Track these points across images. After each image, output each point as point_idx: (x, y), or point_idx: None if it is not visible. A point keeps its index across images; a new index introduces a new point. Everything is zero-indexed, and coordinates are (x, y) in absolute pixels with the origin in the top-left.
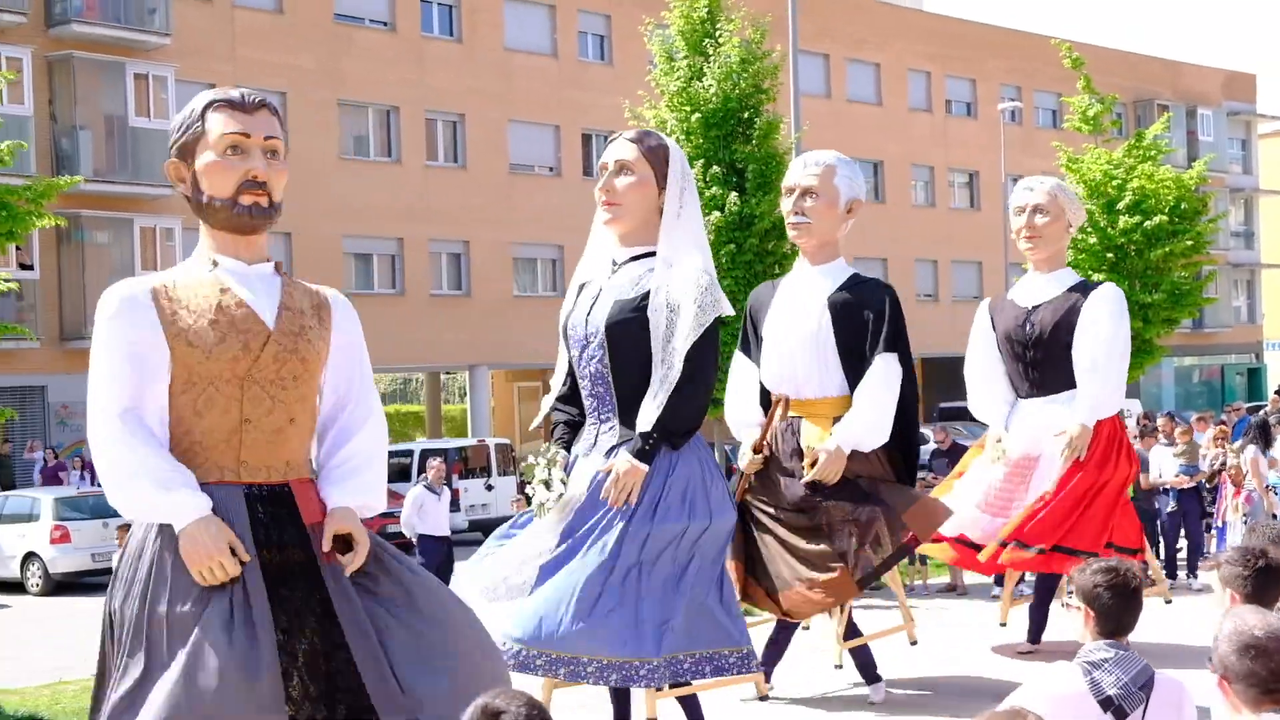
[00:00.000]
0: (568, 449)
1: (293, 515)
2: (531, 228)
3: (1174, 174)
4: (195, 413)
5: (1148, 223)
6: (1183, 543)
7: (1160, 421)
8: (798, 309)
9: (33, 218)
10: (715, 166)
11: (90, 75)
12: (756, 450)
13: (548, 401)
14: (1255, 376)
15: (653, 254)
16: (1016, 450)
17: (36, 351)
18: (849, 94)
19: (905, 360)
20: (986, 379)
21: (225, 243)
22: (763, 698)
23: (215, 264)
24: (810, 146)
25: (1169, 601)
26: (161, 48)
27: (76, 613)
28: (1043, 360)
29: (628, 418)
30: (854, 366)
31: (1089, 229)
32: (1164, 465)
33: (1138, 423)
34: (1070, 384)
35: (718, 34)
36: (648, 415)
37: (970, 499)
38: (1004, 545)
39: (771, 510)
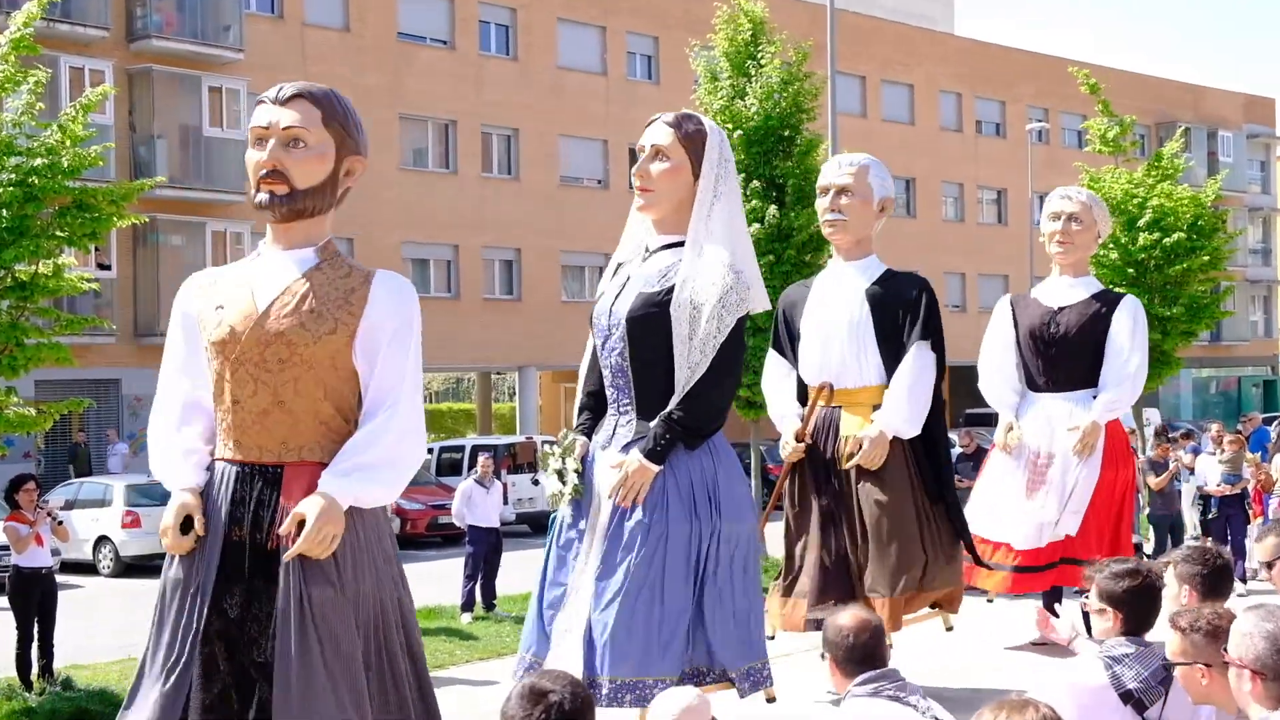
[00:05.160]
0: (588, 436)
1: (277, 497)
2: (580, 237)
3: (1191, 192)
4: (214, 391)
5: (1166, 239)
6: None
7: (1213, 429)
8: (835, 302)
9: (114, 218)
10: (756, 181)
11: (167, 88)
12: (799, 439)
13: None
14: (1271, 388)
15: (684, 243)
16: (1031, 440)
17: (112, 347)
18: (884, 114)
19: (938, 350)
20: (1000, 369)
21: (272, 232)
22: (770, 699)
23: (259, 254)
24: None
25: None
26: (235, 63)
27: (145, 594)
28: (1062, 358)
29: (646, 412)
30: (891, 356)
31: (1110, 245)
32: (1209, 473)
33: (1156, 433)
34: (1085, 383)
35: (760, 56)
36: (664, 414)
37: (1008, 504)
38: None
39: (813, 506)
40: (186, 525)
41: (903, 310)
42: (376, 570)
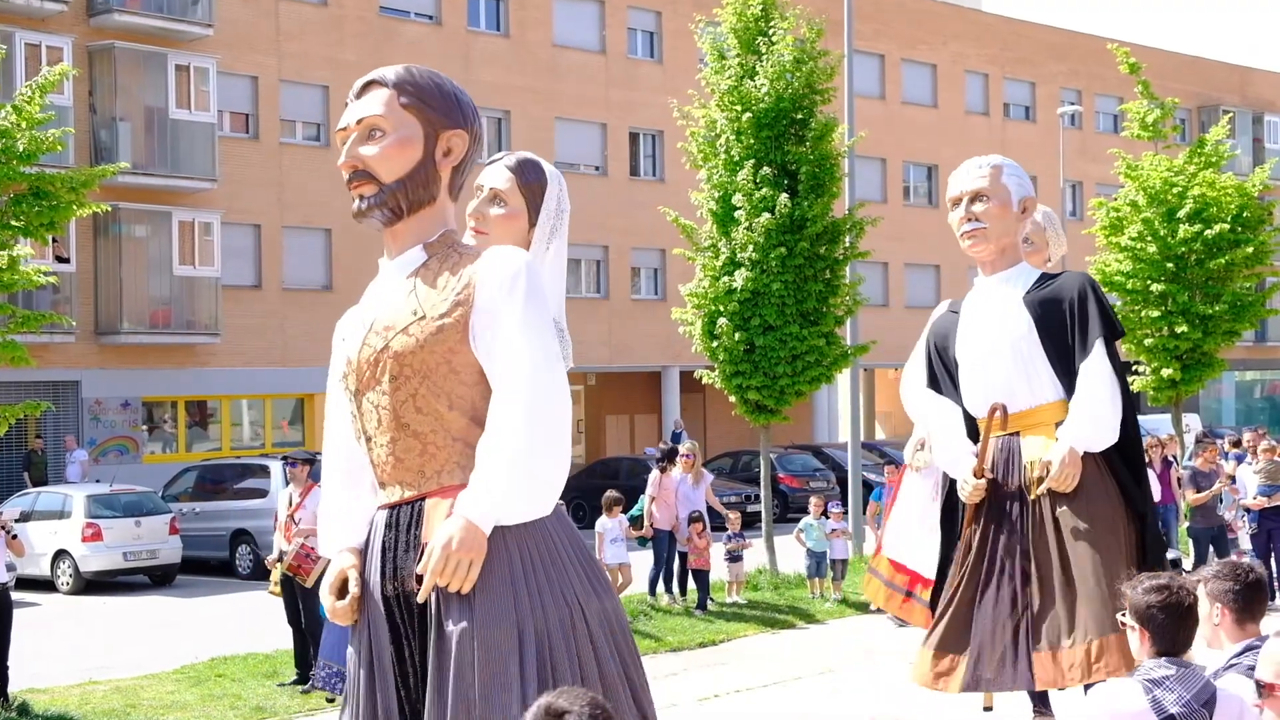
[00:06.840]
0: None
1: (420, 535)
2: (576, 228)
3: (1236, 181)
4: (354, 434)
5: (1209, 231)
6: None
7: (1247, 437)
8: (990, 321)
9: (73, 207)
10: (766, 168)
11: (131, 66)
12: (977, 476)
13: None
14: None
15: None
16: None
17: (72, 346)
18: (904, 96)
19: (1112, 349)
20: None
21: (385, 242)
22: None
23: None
24: (864, 150)
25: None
26: (204, 39)
27: (106, 612)
28: None
29: None
30: (1064, 367)
31: (1149, 237)
32: (1247, 484)
33: (1198, 439)
34: None
35: (771, 32)
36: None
37: (915, 522)
38: None
39: (999, 550)
40: (345, 590)
41: (1068, 312)
42: (542, 592)
